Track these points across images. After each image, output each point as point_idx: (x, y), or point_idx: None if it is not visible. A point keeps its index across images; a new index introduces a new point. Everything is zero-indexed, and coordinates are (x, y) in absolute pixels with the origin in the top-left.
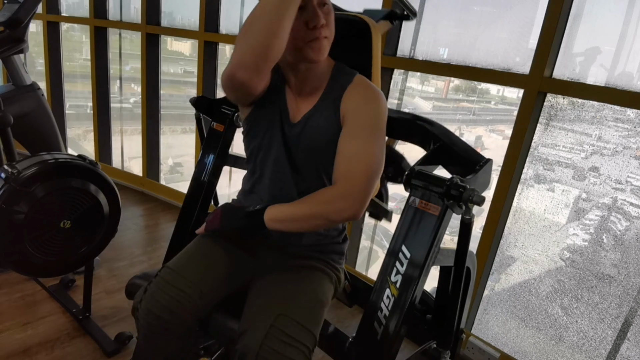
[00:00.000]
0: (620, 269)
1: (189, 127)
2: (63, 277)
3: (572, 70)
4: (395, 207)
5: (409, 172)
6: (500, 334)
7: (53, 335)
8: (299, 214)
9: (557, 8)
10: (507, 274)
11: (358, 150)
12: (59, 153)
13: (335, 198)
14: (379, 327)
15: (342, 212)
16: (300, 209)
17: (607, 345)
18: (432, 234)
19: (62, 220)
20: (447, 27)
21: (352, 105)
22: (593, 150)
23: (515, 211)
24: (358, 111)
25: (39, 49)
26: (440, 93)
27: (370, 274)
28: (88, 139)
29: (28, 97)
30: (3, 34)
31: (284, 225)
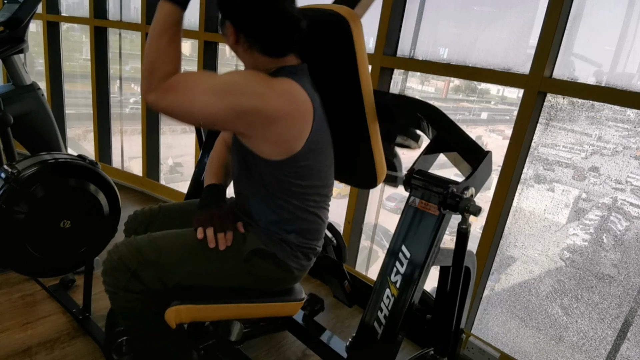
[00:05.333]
0: (620, 269)
1: (188, 127)
2: (63, 277)
3: (571, 70)
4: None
5: (409, 172)
6: (500, 334)
7: (53, 335)
8: (151, 41)
9: (557, 8)
10: (507, 274)
11: (199, 73)
12: (59, 153)
13: (151, 72)
14: (379, 327)
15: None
16: (155, 40)
17: (607, 345)
18: (432, 234)
19: (62, 220)
20: (447, 27)
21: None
22: (593, 150)
23: (515, 211)
24: (239, 70)
25: (39, 49)
26: (440, 93)
27: (370, 274)
28: (88, 139)
29: (28, 97)
30: (3, 34)
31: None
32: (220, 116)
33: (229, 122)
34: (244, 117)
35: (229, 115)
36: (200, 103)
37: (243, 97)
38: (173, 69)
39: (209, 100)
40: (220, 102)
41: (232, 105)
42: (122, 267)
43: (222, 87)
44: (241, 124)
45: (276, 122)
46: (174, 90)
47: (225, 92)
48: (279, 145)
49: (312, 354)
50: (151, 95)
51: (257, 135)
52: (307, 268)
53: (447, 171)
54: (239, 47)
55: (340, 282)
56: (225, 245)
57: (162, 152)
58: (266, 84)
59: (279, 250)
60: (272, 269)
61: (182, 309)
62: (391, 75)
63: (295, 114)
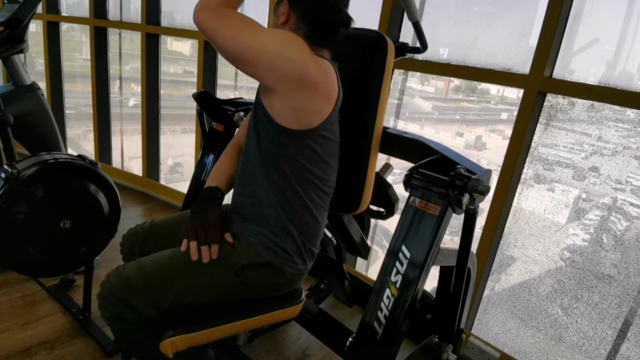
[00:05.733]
0: (620, 269)
1: (189, 127)
2: (63, 277)
3: (571, 70)
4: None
5: (409, 171)
6: (500, 334)
7: (53, 335)
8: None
9: (557, 8)
10: (507, 274)
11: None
12: (59, 153)
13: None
14: (379, 327)
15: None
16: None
17: (607, 345)
18: (432, 234)
19: (62, 220)
20: (447, 27)
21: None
22: (593, 150)
23: (515, 211)
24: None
25: (39, 49)
26: (440, 93)
27: (370, 274)
28: (88, 139)
29: (28, 97)
30: (3, 34)
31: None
32: (261, 56)
33: (265, 66)
34: (280, 66)
35: (269, 58)
36: (248, 37)
37: (288, 49)
38: (235, 2)
39: (257, 38)
40: (266, 44)
41: (276, 51)
42: (113, 299)
43: (273, 35)
44: (274, 73)
45: (305, 85)
46: (229, 17)
47: (274, 39)
48: (297, 113)
49: (312, 354)
50: (205, 12)
51: (282, 91)
52: (305, 272)
53: None
54: (286, 27)
55: (340, 282)
56: (209, 259)
57: (162, 152)
58: (310, 51)
59: (275, 257)
60: (267, 276)
61: (176, 340)
62: (391, 75)
63: (324, 88)
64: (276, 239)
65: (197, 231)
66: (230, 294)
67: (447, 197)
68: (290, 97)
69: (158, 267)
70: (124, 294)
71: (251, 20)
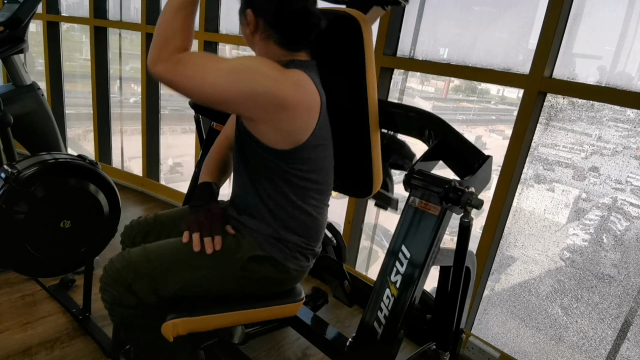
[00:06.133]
0: (620, 269)
1: (189, 127)
2: (63, 277)
3: (571, 70)
4: None
5: (409, 171)
6: (500, 334)
7: (53, 335)
8: (166, 14)
9: (557, 8)
10: (507, 274)
11: (212, 54)
12: (59, 153)
13: (163, 43)
14: (379, 327)
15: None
16: (170, 14)
17: (607, 345)
18: (432, 234)
19: (62, 220)
20: (447, 27)
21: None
22: (593, 150)
23: (515, 211)
24: (253, 56)
25: (39, 49)
26: (440, 93)
27: (370, 274)
28: (88, 139)
29: (28, 97)
30: (3, 34)
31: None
32: (230, 96)
33: (238, 102)
34: (254, 99)
35: (240, 95)
36: (212, 79)
37: (256, 79)
38: (185, 44)
39: (221, 78)
40: (232, 82)
41: (245, 85)
42: (116, 282)
43: (236, 68)
44: (250, 106)
45: (285, 109)
46: (185, 64)
47: (239, 72)
48: (284, 134)
49: (312, 354)
50: (160, 65)
51: (264, 119)
52: (307, 269)
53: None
54: (256, 36)
55: (340, 282)
56: (212, 250)
57: (162, 152)
58: (279, 71)
59: (277, 252)
60: (270, 271)
61: (177, 322)
62: (391, 75)
63: (304, 104)
64: (279, 233)
65: (200, 223)
66: (232, 287)
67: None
68: (274, 122)
69: (163, 256)
70: (126, 279)
71: (208, 57)
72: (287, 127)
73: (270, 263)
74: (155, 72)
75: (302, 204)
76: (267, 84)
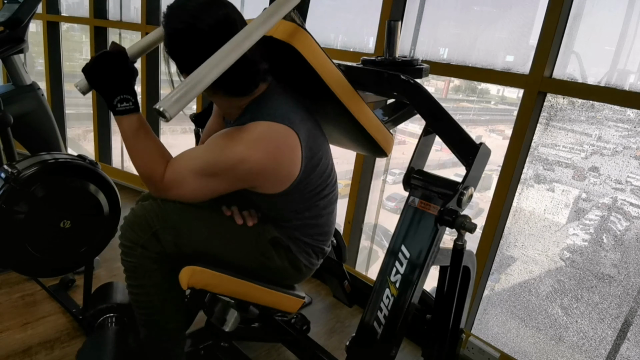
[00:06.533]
0: (620, 269)
1: (189, 127)
2: (63, 277)
3: (572, 70)
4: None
5: (408, 171)
6: (500, 334)
7: (53, 335)
8: (132, 153)
9: (557, 8)
10: (507, 274)
11: (183, 160)
12: (59, 153)
13: (148, 180)
14: (379, 327)
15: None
16: (135, 152)
17: (607, 345)
18: (432, 233)
19: (62, 220)
20: (447, 27)
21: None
22: (593, 150)
23: (515, 211)
24: (213, 139)
25: (39, 49)
26: (440, 93)
27: (370, 274)
28: (88, 139)
29: (28, 97)
30: (3, 34)
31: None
32: (219, 190)
33: (228, 189)
34: (237, 182)
35: (225, 186)
36: (198, 188)
37: (229, 171)
38: (162, 166)
39: (203, 184)
40: (213, 182)
41: (223, 180)
42: (144, 225)
43: (208, 169)
44: (240, 186)
45: (267, 171)
46: (173, 187)
47: (212, 173)
48: (278, 183)
49: None
50: (160, 194)
51: (256, 185)
52: (314, 268)
53: (447, 171)
54: (216, 97)
55: (340, 282)
56: (253, 223)
57: None
58: (241, 144)
59: (292, 244)
60: (284, 262)
61: (197, 270)
62: None
63: (281, 154)
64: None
65: (235, 198)
66: (248, 266)
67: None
68: (265, 186)
69: (196, 214)
70: (156, 224)
71: (185, 167)
72: (278, 178)
73: (286, 252)
74: (160, 196)
75: (310, 213)
76: (240, 168)
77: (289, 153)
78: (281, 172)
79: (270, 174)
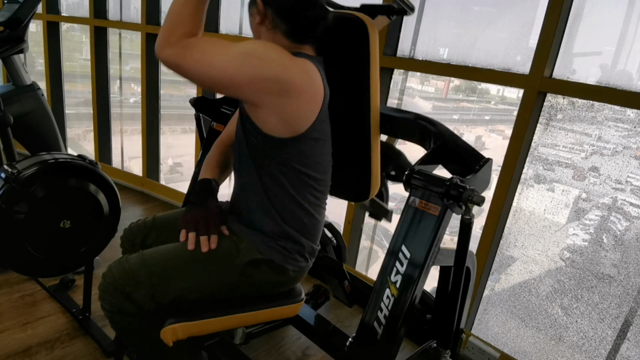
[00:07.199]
0: (620, 269)
1: (189, 127)
2: (63, 277)
3: (572, 70)
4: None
5: (409, 171)
6: (500, 334)
7: (53, 335)
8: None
9: (557, 8)
10: (507, 274)
11: (222, 40)
12: (59, 153)
13: (172, 29)
14: (379, 327)
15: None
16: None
17: (607, 345)
18: (432, 234)
19: (62, 220)
20: (447, 27)
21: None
22: (593, 150)
23: (515, 211)
24: (263, 41)
25: (39, 49)
26: (440, 93)
27: (370, 274)
28: (88, 139)
29: (28, 97)
30: (3, 34)
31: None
32: (237, 78)
33: (244, 85)
34: (261, 82)
35: (247, 77)
36: (220, 62)
37: (264, 63)
38: (195, 30)
39: (229, 61)
40: (241, 64)
41: (253, 68)
42: (115, 290)
43: (244, 51)
44: (256, 90)
45: (290, 95)
46: (193, 47)
47: (247, 55)
48: (285, 121)
49: (312, 354)
50: (168, 50)
51: (267, 104)
52: (306, 269)
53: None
54: (263, 26)
55: (340, 282)
56: (208, 248)
57: (162, 152)
58: (288, 57)
59: (276, 253)
60: (269, 274)
61: (177, 327)
62: (391, 75)
63: (309, 92)
64: (277, 237)
65: (197, 221)
66: (233, 292)
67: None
68: (277, 108)
69: (161, 262)
70: (125, 287)
71: (217, 42)
72: (289, 114)
73: (268, 266)
74: (162, 56)
75: (301, 199)
76: (275, 69)
77: (312, 99)
78: (297, 108)
79: (289, 98)
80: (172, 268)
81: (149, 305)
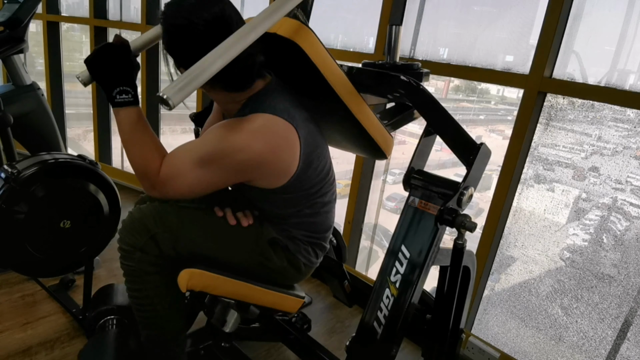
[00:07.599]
0: (620, 269)
1: (189, 127)
2: (63, 277)
3: (572, 70)
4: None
5: (408, 172)
6: (500, 334)
7: (53, 335)
8: (128, 147)
9: (557, 8)
10: (507, 274)
11: (180, 152)
12: (59, 153)
13: (144, 175)
14: (379, 327)
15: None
16: (131, 146)
17: (607, 345)
18: (432, 233)
19: (62, 220)
20: (447, 27)
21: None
22: (593, 150)
23: (515, 211)
24: (212, 129)
25: (39, 49)
26: (440, 93)
27: (370, 274)
28: (88, 139)
29: (28, 97)
30: (3, 34)
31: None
32: (216, 182)
33: (226, 181)
34: (235, 173)
35: (223, 177)
36: (195, 180)
37: (227, 159)
38: (158, 160)
39: (200, 175)
40: (210, 172)
41: (221, 170)
42: (142, 228)
43: (206, 158)
44: (237, 178)
45: (265, 163)
46: (169, 180)
47: (210, 162)
48: (275, 177)
49: None
50: (155, 192)
51: (253, 178)
52: (314, 266)
53: (447, 171)
54: (212, 93)
55: (340, 282)
56: (248, 223)
57: None
58: (241, 133)
59: (290, 243)
60: (283, 261)
61: (196, 272)
62: None
63: (280, 147)
64: (290, 229)
65: (229, 198)
66: (247, 266)
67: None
68: (262, 175)
69: (195, 218)
70: (153, 227)
71: (180, 160)
72: (275, 171)
73: (284, 252)
74: (154, 196)
75: (308, 213)
76: (238, 158)
77: (288, 147)
78: (279, 166)
79: (268, 166)
80: (202, 226)
81: (170, 251)
